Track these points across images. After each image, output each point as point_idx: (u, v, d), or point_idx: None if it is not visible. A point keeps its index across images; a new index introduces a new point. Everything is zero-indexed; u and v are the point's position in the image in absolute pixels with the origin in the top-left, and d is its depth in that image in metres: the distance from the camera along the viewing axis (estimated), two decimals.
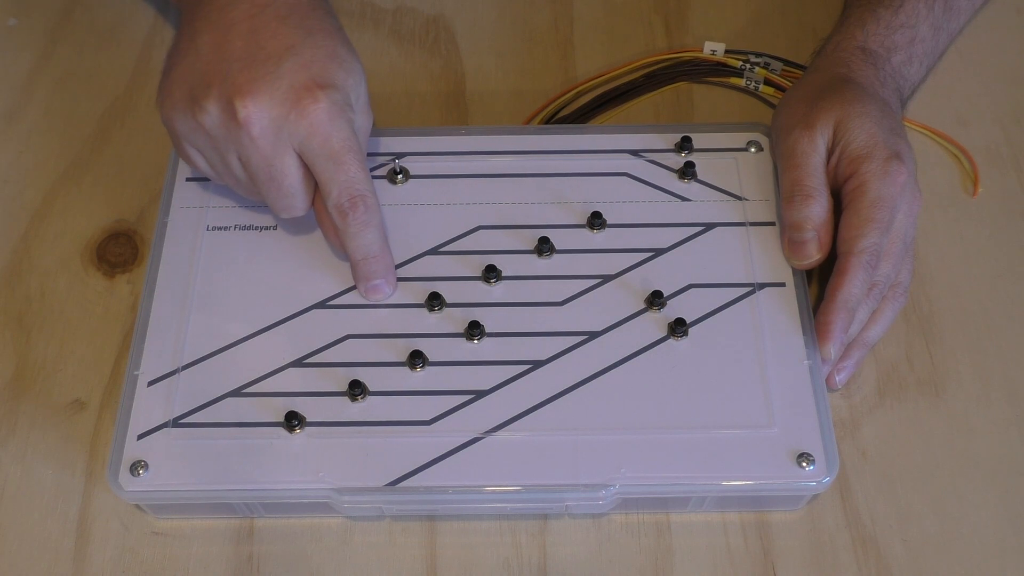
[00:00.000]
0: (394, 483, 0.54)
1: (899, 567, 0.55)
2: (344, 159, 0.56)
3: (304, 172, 0.57)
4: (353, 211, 0.57)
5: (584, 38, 0.75)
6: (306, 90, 0.55)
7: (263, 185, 0.57)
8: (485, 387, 0.57)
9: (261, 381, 0.57)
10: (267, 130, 0.54)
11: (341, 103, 0.56)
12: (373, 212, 0.57)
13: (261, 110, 0.54)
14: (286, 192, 0.57)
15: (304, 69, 0.55)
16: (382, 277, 0.59)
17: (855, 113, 0.60)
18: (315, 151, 0.55)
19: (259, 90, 0.54)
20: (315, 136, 0.55)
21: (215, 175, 0.59)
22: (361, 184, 0.57)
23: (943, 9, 0.68)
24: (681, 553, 0.56)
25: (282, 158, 0.55)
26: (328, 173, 0.56)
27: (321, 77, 0.55)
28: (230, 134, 0.55)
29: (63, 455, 0.59)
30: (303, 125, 0.55)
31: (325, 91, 0.55)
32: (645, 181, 0.64)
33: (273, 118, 0.54)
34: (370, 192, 0.57)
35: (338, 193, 0.56)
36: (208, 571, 0.55)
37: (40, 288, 0.65)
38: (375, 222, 0.58)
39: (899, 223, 0.59)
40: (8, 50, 0.75)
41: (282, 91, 0.54)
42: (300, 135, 0.55)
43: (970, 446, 0.58)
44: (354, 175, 0.56)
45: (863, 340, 0.60)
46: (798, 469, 0.54)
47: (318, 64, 0.56)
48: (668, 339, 0.58)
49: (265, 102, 0.54)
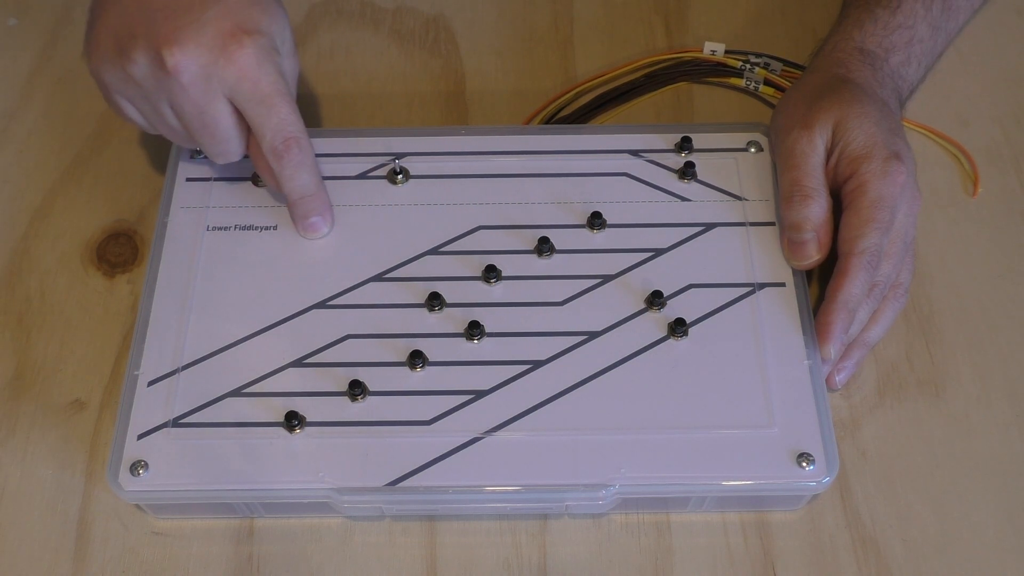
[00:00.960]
0: (394, 483, 0.54)
1: (899, 567, 0.55)
2: (274, 102, 0.57)
3: (237, 117, 0.58)
4: (287, 152, 0.58)
5: (584, 38, 0.75)
6: (232, 36, 0.55)
7: (197, 132, 0.57)
8: (485, 387, 0.57)
9: (261, 381, 0.57)
10: (196, 77, 0.55)
11: (267, 47, 0.56)
12: (307, 152, 0.59)
13: (189, 58, 0.55)
14: (220, 138, 0.58)
15: (228, 15, 0.56)
16: (318, 214, 0.61)
17: (854, 113, 0.60)
18: (245, 96, 0.56)
19: (185, 38, 0.55)
20: (244, 81, 0.56)
21: (148, 125, 0.60)
22: (293, 125, 0.58)
23: (941, 9, 0.68)
24: (681, 553, 0.56)
25: (213, 104, 0.56)
26: (260, 117, 0.57)
27: (246, 23, 0.56)
28: (160, 83, 0.56)
29: (63, 455, 0.59)
30: (231, 71, 0.55)
31: (251, 36, 0.56)
32: (645, 181, 0.64)
33: (202, 65, 0.55)
34: (302, 133, 0.58)
35: (271, 136, 0.57)
36: (208, 571, 0.55)
37: (40, 288, 0.65)
38: (309, 162, 0.59)
39: (899, 223, 0.59)
40: (8, 50, 0.75)
41: (208, 38, 0.55)
42: (229, 81, 0.56)
43: (970, 446, 0.58)
44: (285, 117, 0.57)
45: (863, 340, 0.60)
46: (798, 469, 0.54)
47: (242, 10, 0.56)
48: (668, 339, 0.58)
49: (192, 50, 0.55)
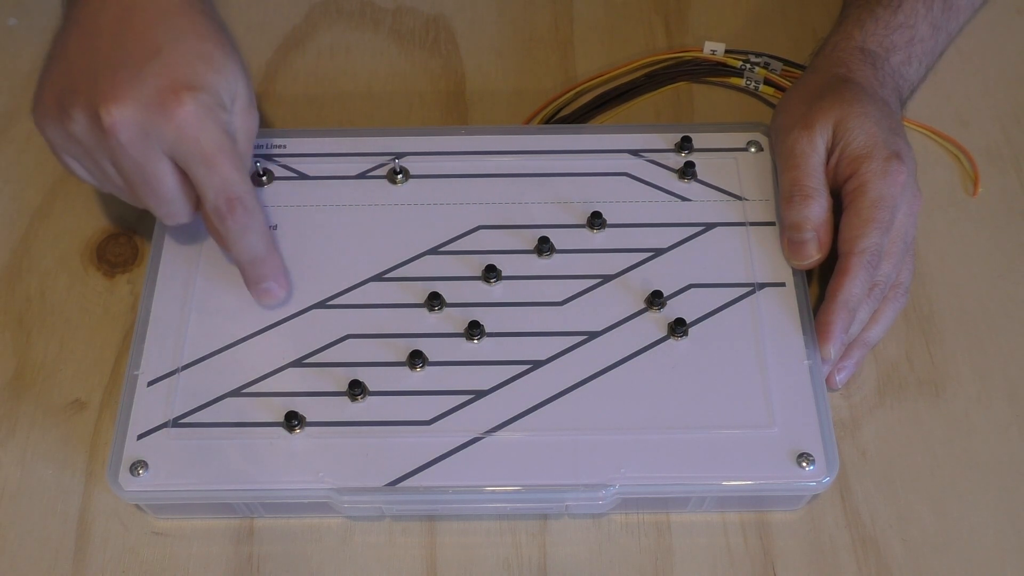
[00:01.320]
0: (394, 483, 0.54)
1: (899, 567, 0.55)
2: (216, 161, 0.54)
3: (180, 177, 0.55)
4: (231, 214, 0.55)
5: (584, 38, 0.75)
6: (171, 92, 0.53)
7: (140, 192, 0.55)
8: (485, 387, 0.57)
9: (261, 381, 0.57)
10: (135, 137, 0.53)
11: (210, 104, 0.54)
12: (253, 214, 0.56)
13: (126, 116, 0.52)
14: (164, 199, 0.55)
15: (169, 71, 0.53)
16: (271, 279, 0.58)
17: (854, 113, 0.60)
18: (186, 154, 0.54)
19: (123, 95, 0.52)
20: (183, 139, 0.53)
21: (97, 183, 0.58)
22: (236, 186, 0.55)
23: (942, 9, 0.67)
24: (681, 553, 0.56)
25: (154, 164, 0.54)
26: (201, 176, 0.54)
27: (187, 78, 0.53)
28: (99, 142, 0.54)
29: (63, 455, 0.59)
30: (170, 128, 0.53)
31: (191, 92, 0.53)
32: (645, 181, 0.64)
33: (139, 123, 0.53)
34: (247, 193, 0.55)
35: (214, 196, 0.55)
36: (208, 571, 0.55)
37: (40, 288, 0.65)
38: (256, 224, 0.56)
39: (899, 223, 0.59)
40: (8, 50, 0.75)
41: (147, 95, 0.53)
42: (168, 139, 0.53)
43: (970, 446, 0.58)
44: (228, 176, 0.54)
45: (863, 340, 0.60)
46: (798, 469, 0.54)
47: (184, 65, 0.54)
48: (668, 339, 0.58)
49: (130, 107, 0.52)
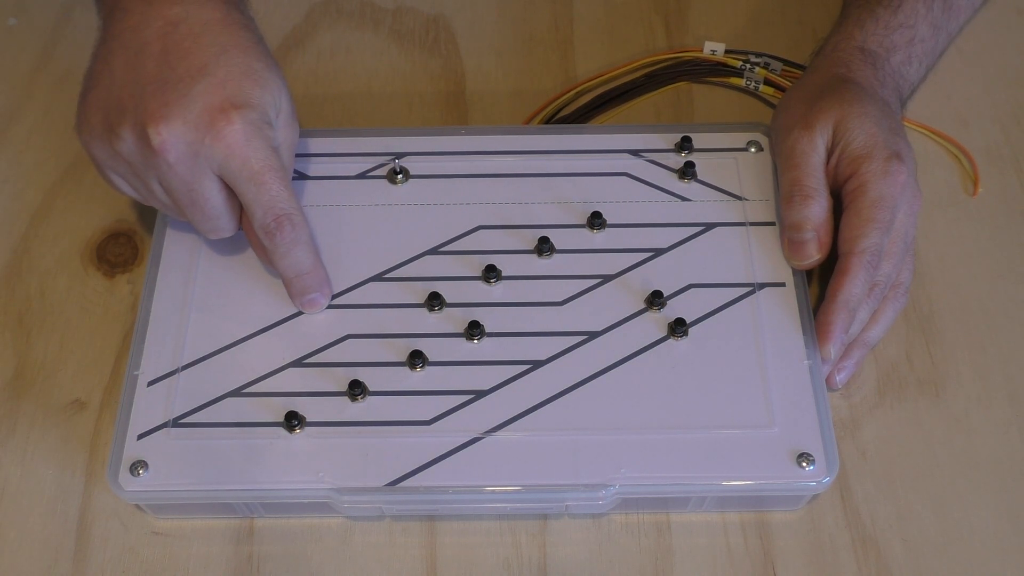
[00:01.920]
0: (394, 483, 0.54)
1: (899, 567, 0.55)
2: (264, 179, 0.55)
3: (227, 194, 0.56)
4: (280, 231, 0.56)
5: (584, 38, 0.75)
6: (220, 112, 0.53)
7: (187, 209, 0.56)
8: (485, 387, 0.57)
9: (261, 381, 0.57)
10: (183, 156, 0.54)
11: (257, 122, 0.55)
12: (300, 230, 0.57)
13: (175, 136, 0.53)
14: (210, 215, 0.56)
15: (217, 90, 0.54)
16: (316, 290, 0.59)
17: (854, 113, 0.60)
18: (234, 173, 0.54)
19: (172, 115, 0.53)
20: (233, 158, 0.54)
21: (142, 199, 0.58)
22: (284, 203, 0.56)
23: (942, 9, 0.67)
24: (681, 553, 0.56)
25: (202, 182, 0.55)
26: (250, 194, 0.55)
27: (235, 97, 0.54)
28: (147, 161, 0.54)
29: (63, 455, 0.59)
30: (219, 148, 0.54)
31: (240, 111, 0.54)
32: (645, 181, 0.64)
33: (189, 143, 0.53)
34: (295, 209, 0.56)
35: (262, 214, 0.56)
36: (208, 571, 0.55)
37: (40, 288, 0.65)
38: (303, 239, 0.57)
39: (899, 223, 0.59)
40: (8, 50, 0.75)
41: (195, 114, 0.53)
42: (218, 158, 0.54)
43: (970, 446, 0.58)
44: (276, 194, 0.55)
45: (863, 340, 0.60)
46: (798, 469, 0.54)
47: (232, 83, 0.54)
48: (668, 339, 0.58)
49: (179, 127, 0.53)
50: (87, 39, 0.75)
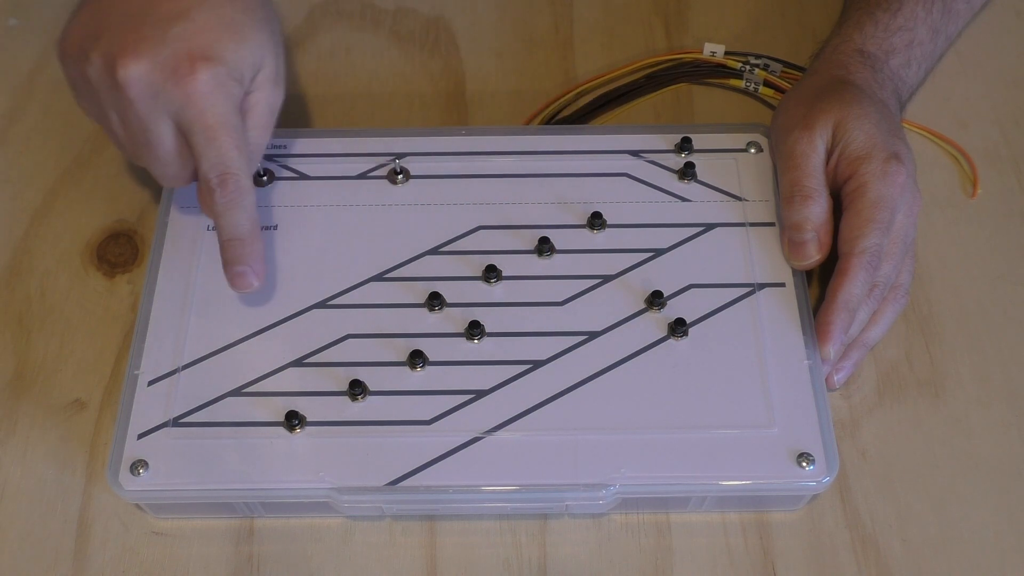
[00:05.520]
0: (394, 483, 0.54)
1: (899, 567, 0.55)
2: (217, 135, 0.54)
3: (180, 142, 0.56)
4: (222, 188, 0.55)
5: (584, 39, 0.75)
6: (188, 60, 0.53)
7: (140, 148, 0.56)
8: (485, 387, 0.57)
9: (261, 381, 0.57)
10: (143, 94, 0.53)
11: (224, 77, 0.54)
12: (243, 192, 0.56)
13: (140, 73, 0.53)
14: (161, 159, 0.56)
15: (192, 37, 0.54)
16: (247, 263, 0.57)
17: (854, 115, 0.60)
18: (189, 123, 0.54)
19: (141, 52, 0.53)
20: (190, 108, 0.54)
21: (103, 127, 0.58)
22: (232, 163, 0.55)
23: (941, 12, 0.68)
24: (681, 553, 0.56)
25: (157, 124, 0.54)
26: (200, 147, 0.55)
27: (207, 48, 0.54)
28: (110, 92, 0.54)
29: (63, 455, 0.59)
30: (179, 95, 0.53)
31: (207, 63, 0.54)
32: (645, 182, 0.64)
33: (150, 83, 0.53)
34: (242, 171, 0.56)
35: (207, 168, 0.55)
36: (208, 571, 0.55)
37: (40, 288, 0.65)
38: (245, 203, 0.56)
39: (899, 224, 0.59)
40: (8, 50, 0.75)
41: (164, 57, 0.53)
42: (175, 105, 0.54)
43: (970, 447, 0.58)
44: (226, 152, 0.55)
45: (863, 341, 0.60)
46: (798, 469, 0.54)
47: (209, 33, 0.54)
48: (668, 339, 0.58)
49: (146, 66, 0.53)
50: None
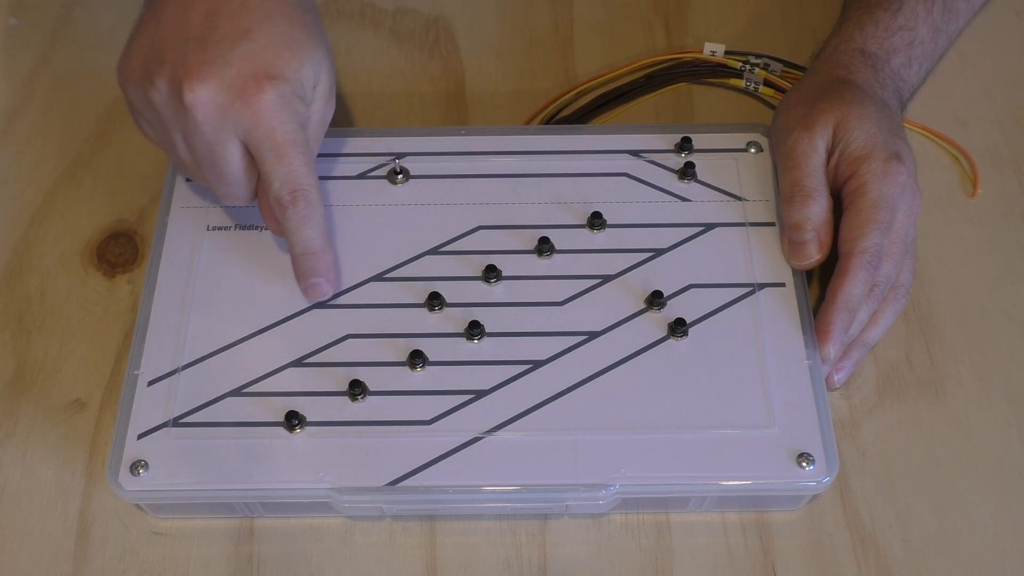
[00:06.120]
0: (394, 483, 0.54)
1: (899, 567, 0.55)
2: (287, 152, 0.55)
3: (247, 161, 0.56)
4: (293, 205, 0.56)
5: (584, 39, 0.75)
6: (253, 79, 0.54)
7: (206, 169, 0.56)
8: (485, 387, 0.57)
9: (261, 381, 0.57)
10: (211, 116, 0.54)
11: (289, 94, 0.55)
12: (314, 208, 0.57)
13: (208, 95, 0.54)
14: (227, 180, 0.57)
15: (255, 57, 0.54)
16: (322, 275, 0.59)
17: (854, 114, 0.60)
18: (258, 142, 0.55)
19: (208, 74, 0.54)
20: (258, 127, 0.54)
21: (166, 151, 0.59)
22: (303, 178, 0.56)
23: (942, 11, 0.68)
24: (681, 553, 0.56)
25: (225, 145, 0.55)
26: (270, 165, 0.55)
27: (271, 67, 0.55)
28: (176, 115, 0.55)
29: (63, 455, 0.59)
30: (247, 115, 0.54)
31: (273, 82, 0.54)
32: (645, 181, 0.64)
33: (218, 104, 0.54)
34: (312, 187, 0.56)
35: (279, 186, 0.56)
36: (208, 571, 0.55)
37: (40, 288, 0.65)
38: (316, 218, 0.57)
39: (899, 223, 0.59)
40: (8, 50, 0.75)
41: (230, 78, 0.54)
42: (244, 124, 0.54)
43: (970, 446, 0.58)
44: (296, 168, 0.56)
45: (863, 341, 0.60)
46: (798, 469, 0.54)
47: (271, 51, 0.55)
48: (668, 339, 0.58)
49: (213, 87, 0.54)
50: (87, 39, 0.76)
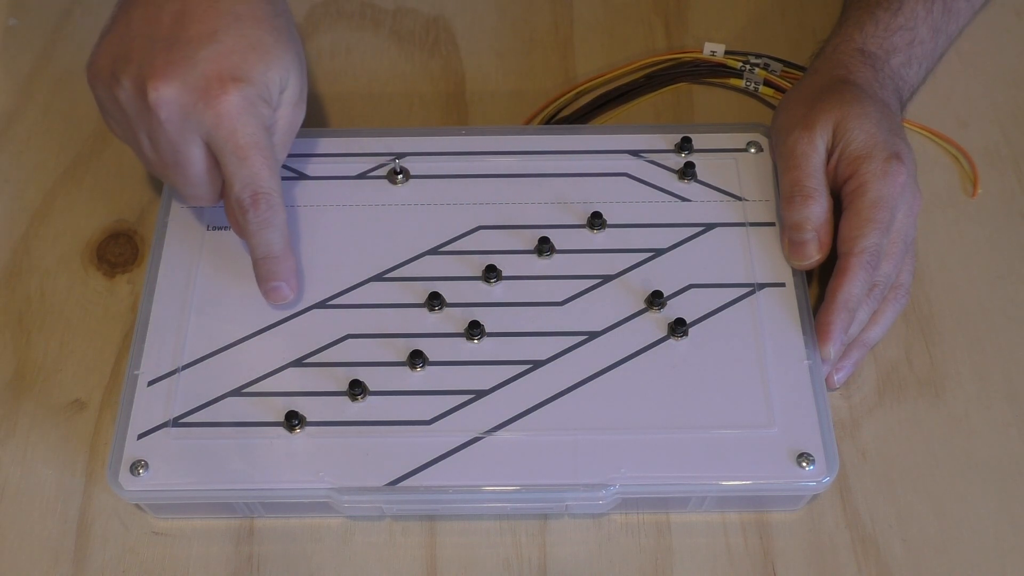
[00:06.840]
0: (394, 483, 0.54)
1: (899, 567, 0.55)
2: (248, 155, 0.55)
3: (210, 163, 0.56)
4: (254, 208, 0.56)
5: (584, 39, 0.75)
6: (218, 81, 0.54)
7: (170, 169, 0.57)
8: (485, 387, 0.57)
9: (261, 381, 0.57)
10: (174, 116, 0.54)
11: (253, 97, 0.55)
12: (275, 211, 0.57)
13: (171, 96, 0.54)
14: (191, 180, 0.57)
15: (221, 59, 0.55)
16: (282, 279, 0.58)
17: (854, 114, 0.60)
18: (220, 144, 0.55)
19: (172, 75, 0.54)
20: (220, 128, 0.54)
21: (134, 150, 0.59)
22: (264, 181, 0.56)
23: (942, 11, 0.68)
24: (681, 553, 0.56)
25: (188, 146, 0.55)
26: (232, 167, 0.55)
27: (237, 69, 0.55)
28: (140, 114, 0.55)
29: (63, 455, 0.59)
30: (209, 116, 0.54)
31: (237, 84, 0.54)
32: (645, 181, 0.64)
33: (182, 105, 0.54)
34: (274, 190, 0.56)
35: (240, 188, 0.56)
36: (208, 571, 0.55)
37: (40, 288, 0.65)
38: (277, 222, 0.57)
39: (899, 223, 0.59)
40: (8, 50, 0.75)
41: (194, 78, 0.54)
42: (207, 126, 0.54)
43: (970, 446, 0.58)
44: (257, 171, 0.55)
45: (863, 341, 0.60)
46: (798, 469, 0.54)
47: (237, 54, 0.55)
48: (668, 339, 0.58)
49: (177, 88, 0.54)
50: (87, 39, 0.75)
